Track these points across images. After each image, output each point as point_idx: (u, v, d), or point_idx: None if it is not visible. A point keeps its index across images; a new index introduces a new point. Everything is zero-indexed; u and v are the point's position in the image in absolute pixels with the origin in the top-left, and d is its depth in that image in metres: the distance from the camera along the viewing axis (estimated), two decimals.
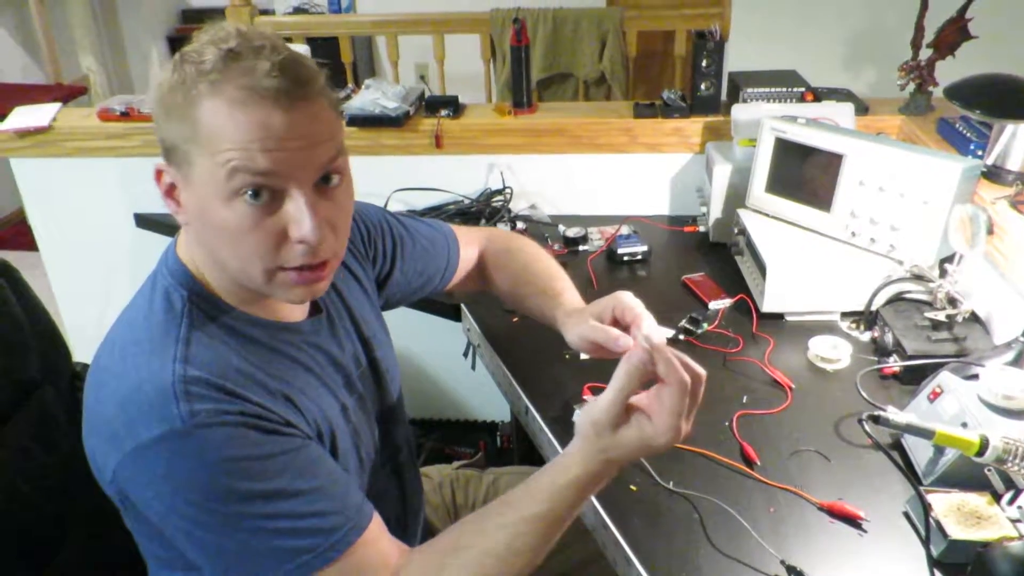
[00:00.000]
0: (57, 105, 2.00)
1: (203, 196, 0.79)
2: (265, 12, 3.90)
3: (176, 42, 4.31)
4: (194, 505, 0.77)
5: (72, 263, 2.14)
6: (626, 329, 0.99)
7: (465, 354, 1.56)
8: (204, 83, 0.76)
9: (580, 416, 0.85)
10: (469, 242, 1.31)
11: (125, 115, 1.91)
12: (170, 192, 0.84)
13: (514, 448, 2.07)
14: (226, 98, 0.76)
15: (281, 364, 0.89)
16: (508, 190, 1.89)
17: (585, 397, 1.21)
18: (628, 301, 1.01)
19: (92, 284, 2.15)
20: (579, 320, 1.05)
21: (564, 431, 1.17)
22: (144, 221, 2.03)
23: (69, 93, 3.57)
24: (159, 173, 0.83)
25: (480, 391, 2.22)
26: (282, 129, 0.76)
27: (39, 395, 1.14)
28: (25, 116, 1.95)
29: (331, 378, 0.96)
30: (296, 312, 0.95)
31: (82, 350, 1.26)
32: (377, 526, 0.86)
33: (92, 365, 0.87)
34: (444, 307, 1.57)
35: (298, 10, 4.30)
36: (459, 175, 1.91)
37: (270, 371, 0.87)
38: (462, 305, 1.53)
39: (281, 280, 0.83)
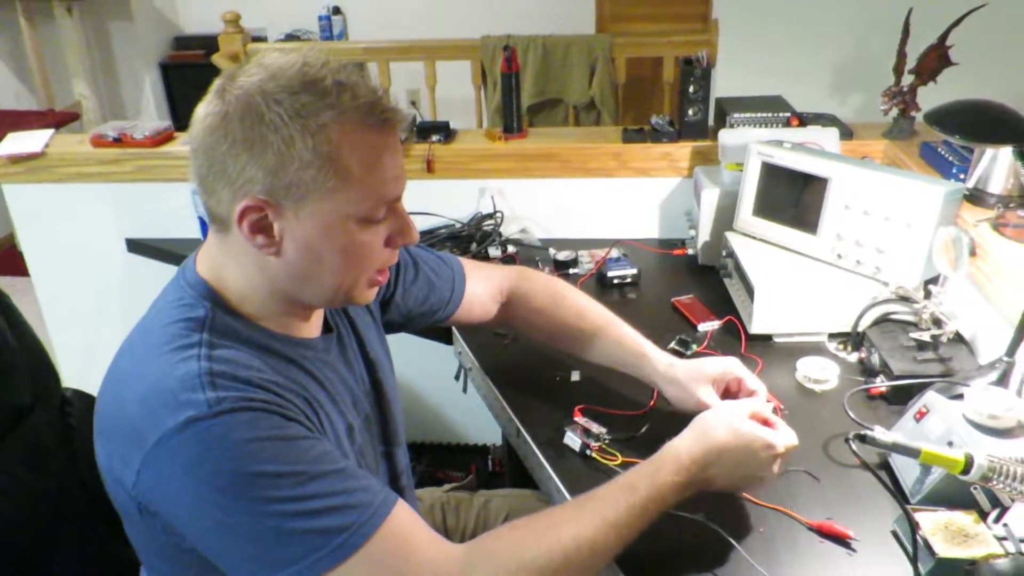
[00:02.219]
0: (50, 131, 2.01)
1: (328, 223, 0.83)
2: (258, 39, 3.94)
3: (169, 68, 4.33)
4: (222, 492, 0.77)
5: (63, 288, 2.14)
6: (735, 396, 1.15)
7: (456, 377, 1.57)
8: (327, 113, 0.80)
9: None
10: (482, 277, 1.30)
11: (118, 141, 1.92)
12: (259, 228, 0.83)
13: (506, 471, 2.07)
14: (358, 128, 0.81)
15: (298, 374, 0.91)
16: (499, 214, 1.91)
17: (576, 419, 1.21)
18: (747, 379, 1.14)
19: (83, 309, 2.15)
20: (687, 389, 1.14)
21: (556, 453, 1.18)
22: (136, 246, 2.03)
23: (61, 119, 3.59)
24: (245, 211, 0.82)
25: (471, 414, 2.22)
26: (399, 153, 0.87)
27: (29, 420, 1.14)
28: (18, 142, 1.96)
29: (340, 396, 0.98)
30: (312, 330, 0.97)
31: (72, 376, 1.27)
32: (407, 504, 0.86)
33: (108, 373, 0.87)
34: (435, 330, 1.57)
35: (290, 37, 4.34)
36: (450, 199, 1.92)
37: (289, 376, 0.88)
38: (453, 329, 1.53)
39: (371, 283, 0.92)
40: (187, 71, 4.29)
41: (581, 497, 0.93)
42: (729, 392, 1.16)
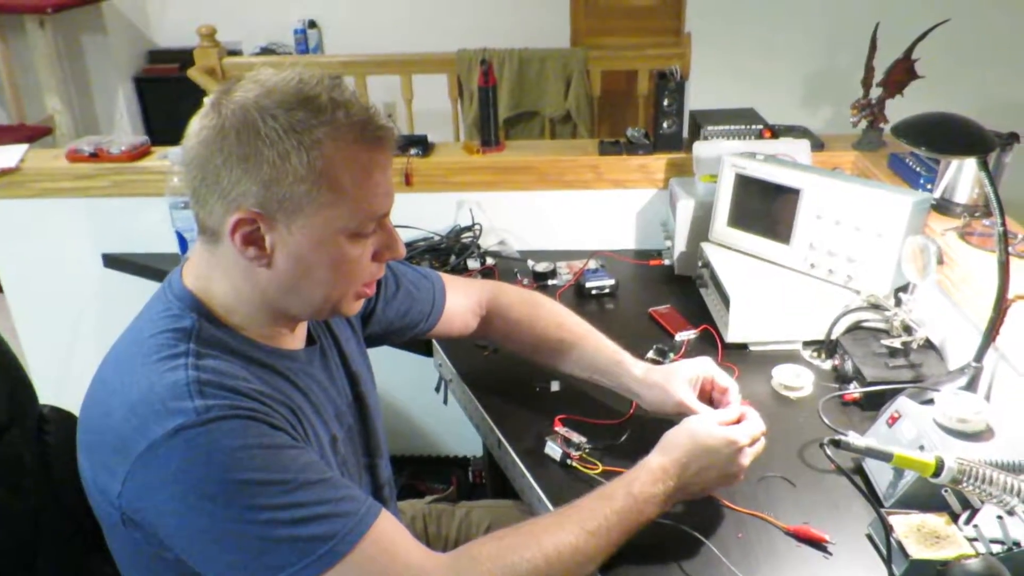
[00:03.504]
0: (24, 146, 1.99)
1: (319, 237, 0.84)
2: (233, 53, 3.93)
3: (143, 82, 4.30)
4: (209, 499, 0.77)
5: (38, 305, 2.11)
6: (709, 398, 1.17)
7: (437, 389, 1.57)
8: (322, 129, 0.81)
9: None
10: (461, 291, 1.31)
11: (94, 156, 1.91)
12: (251, 240, 0.84)
13: (487, 482, 2.08)
14: (351, 144, 0.83)
15: (283, 384, 0.92)
16: (477, 226, 1.92)
17: (557, 429, 1.22)
18: (718, 377, 1.16)
19: (58, 326, 2.13)
20: (666, 391, 1.15)
21: (537, 463, 1.19)
22: (113, 261, 2.02)
23: (33, 133, 3.55)
24: (238, 223, 0.83)
25: (452, 426, 2.22)
26: (389, 170, 0.89)
27: (5, 439, 1.13)
28: None
29: (323, 407, 0.98)
30: (296, 341, 0.98)
31: (48, 392, 1.26)
32: (390, 514, 0.87)
33: (93, 384, 0.87)
34: (416, 343, 1.57)
35: (265, 51, 4.34)
36: (429, 212, 1.93)
37: (274, 386, 0.89)
38: (434, 341, 1.54)
39: (357, 295, 0.93)
40: (162, 85, 4.26)
41: (562, 508, 0.96)
42: (704, 392, 1.18)
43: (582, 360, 1.26)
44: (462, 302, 1.31)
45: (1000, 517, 0.95)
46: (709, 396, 1.18)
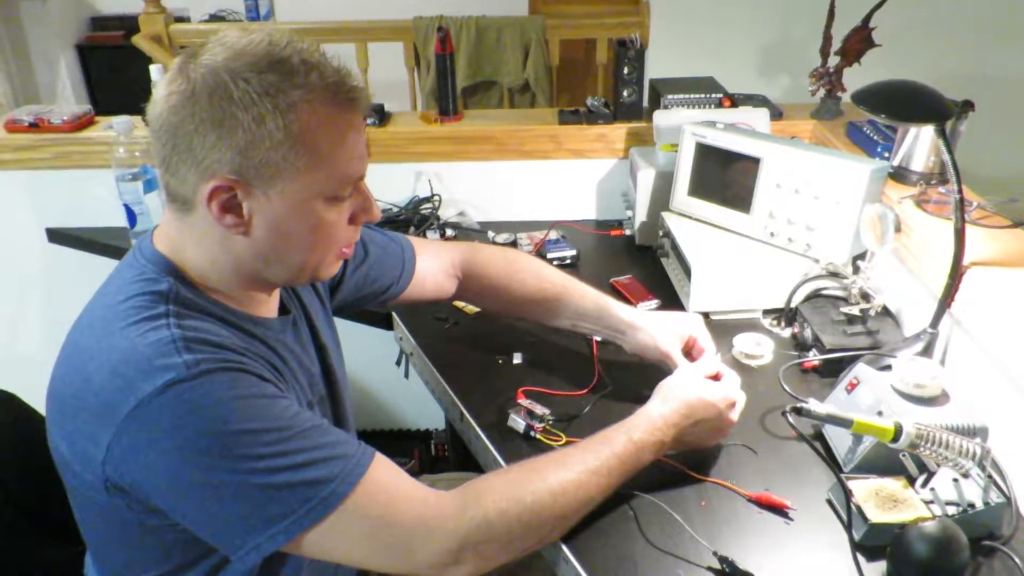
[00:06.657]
0: None
1: (297, 202, 0.83)
2: (180, 19, 3.81)
3: (86, 50, 4.15)
4: (206, 452, 0.76)
5: None
6: (688, 350, 1.23)
7: (398, 363, 1.55)
8: (296, 92, 0.79)
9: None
10: (433, 254, 1.31)
11: (35, 126, 1.84)
12: (228, 208, 0.82)
13: (449, 456, 2.07)
14: (326, 107, 0.81)
15: (262, 347, 0.90)
16: (436, 198, 1.89)
17: (520, 401, 1.22)
18: (700, 338, 1.23)
19: (2, 304, 2.05)
20: (655, 337, 1.22)
21: (500, 435, 1.18)
22: (57, 236, 1.95)
23: None
24: (215, 191, 0.81)
25: (413, 400, 2.21)
26: (363, 132, 0.87)
27: None
28: None
29: (299, 375, 0.98)
30: (270, 310, 0.97)
31: None
32: (385, 457, 0.87)
33: (63, 354, 0.84)
34: (375, 316, 1.56)
35: (215, 18, 4.21)
36: (387, 183, 1.90)
37: (255, 347, 0.88)
38: (393, 314, 1.52)
39: (338, 256, 0.92)
40: (105, 53, 4.12)
41: (565, 448, 0.99)
42: (685, 347, 1.23)
43: (567, 309, 1.29)
44: (434, 264, 1.31)
45: (955, 480, 0.97)
46: (689, 352, 1.23)
